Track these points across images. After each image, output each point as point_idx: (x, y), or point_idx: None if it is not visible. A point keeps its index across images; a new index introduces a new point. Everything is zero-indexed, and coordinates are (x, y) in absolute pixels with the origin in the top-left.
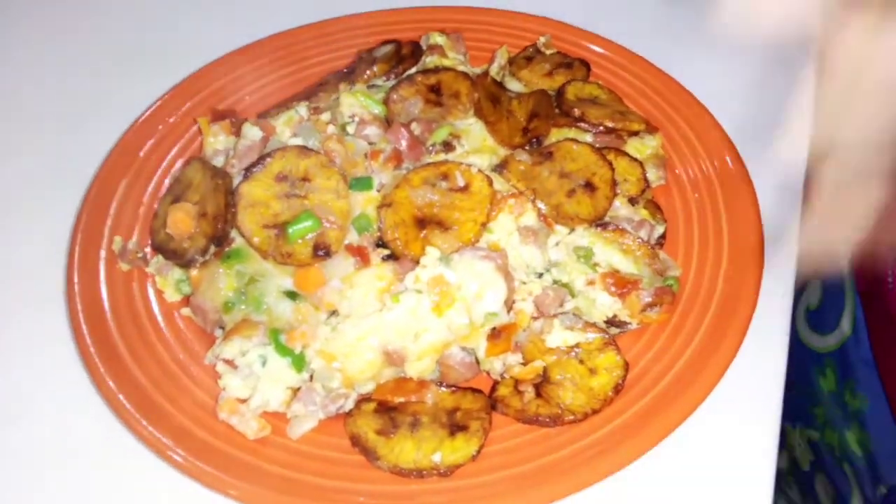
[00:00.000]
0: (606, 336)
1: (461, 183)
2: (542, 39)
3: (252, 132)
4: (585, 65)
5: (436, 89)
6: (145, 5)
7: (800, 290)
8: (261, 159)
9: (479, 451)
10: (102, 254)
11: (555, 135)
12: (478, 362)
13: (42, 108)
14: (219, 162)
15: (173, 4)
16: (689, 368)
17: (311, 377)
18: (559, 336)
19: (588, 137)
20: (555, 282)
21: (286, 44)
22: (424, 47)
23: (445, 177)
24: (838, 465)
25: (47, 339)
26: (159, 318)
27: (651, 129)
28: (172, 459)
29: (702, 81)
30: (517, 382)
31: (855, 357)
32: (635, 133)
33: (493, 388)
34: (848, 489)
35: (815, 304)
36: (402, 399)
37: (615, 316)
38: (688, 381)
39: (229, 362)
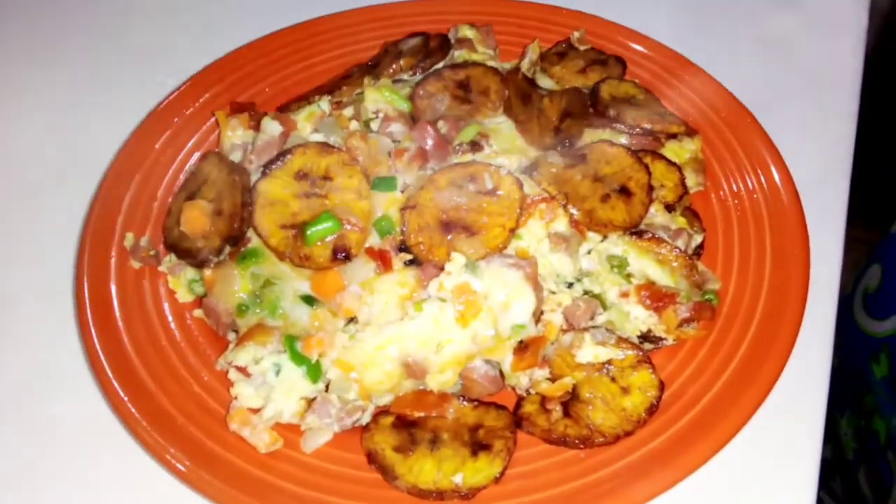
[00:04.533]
0: (640, 353)
1: (489, 185)
2: (576, 34)
3: (271, 127)
4: (621, 62)
5: (464, 85)
6: None
7: (859, 274)
8: (280, 156)
9: (502, 473)
10: (113, 250)
11: (588, 136)
12: (503, 376)
13: (55, 98)
14: (236, 157)
15: None
16: (729, 389)
17: (327, 388)
18: (590, 351)
19: (623, 139)
20: (586, 292)
21: (309, 34)
22: (453, 40)
23: (473, 178)
24: (882, 454)
25: (53, 338)
26: (170, 318)
27: (690, 131)
28: (176, 469)
29: (744, 82)
30: (544, 399)
31: None
32: (673, 136)
33: (518, 405)
34: (891, 478)
35: (875, 287)
36: (421, 413)
37: (650, 331)
38: (728, 402)
39: (242, 370)
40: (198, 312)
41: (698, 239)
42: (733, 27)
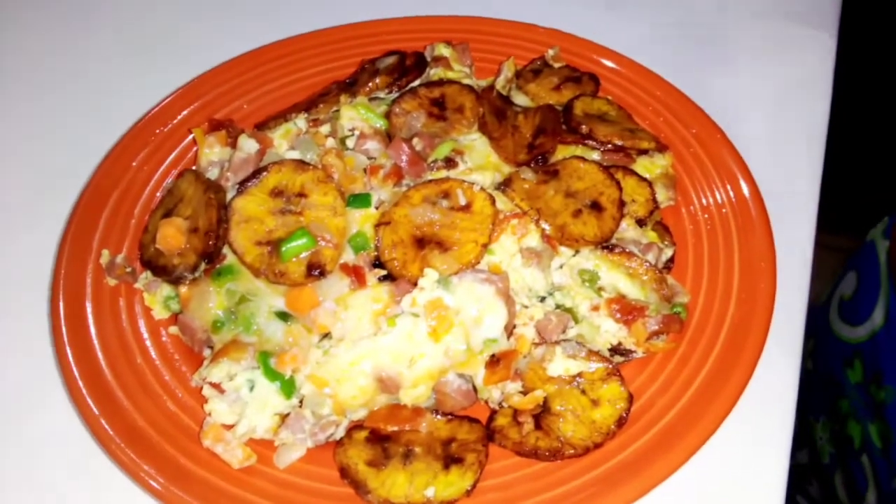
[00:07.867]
0: (610, 366)
1: (463, 202)
2: (551, 52)
3: (248, 144)
4: (594, 79)
5: (439, 103)
6: (142, 10)
7: (836, 281)
8: (256, 173)
9: (474, 486)
10: (89, 267)
11: (561, 152)
12: (475, 390)
13: (32, 115)
14: (213, 174)
15: (171, 9)
16: (697, 401)
17: (301, 403)
18: (561, 364)
19: (595, 155)
20: (558, 306)
21: (287, 52)
22: (429, 58)
23: (447, 195)
24: (857, 459)
25: (28, 354)
26: (145, 335)
27: (661, 147)
28: (150, 486)
29: (714, 98)
30: (516, 412)
31: (885, 348)
32: (644, 151)
33: (491, 418)
34: (865, 483)
35: (850, 293)
36: (395, 427)
37: (620, 343)
38: (695, 414)
39: (216, 386)
40: (173, 329)
41: (668, 253)
42: (703, 44)
